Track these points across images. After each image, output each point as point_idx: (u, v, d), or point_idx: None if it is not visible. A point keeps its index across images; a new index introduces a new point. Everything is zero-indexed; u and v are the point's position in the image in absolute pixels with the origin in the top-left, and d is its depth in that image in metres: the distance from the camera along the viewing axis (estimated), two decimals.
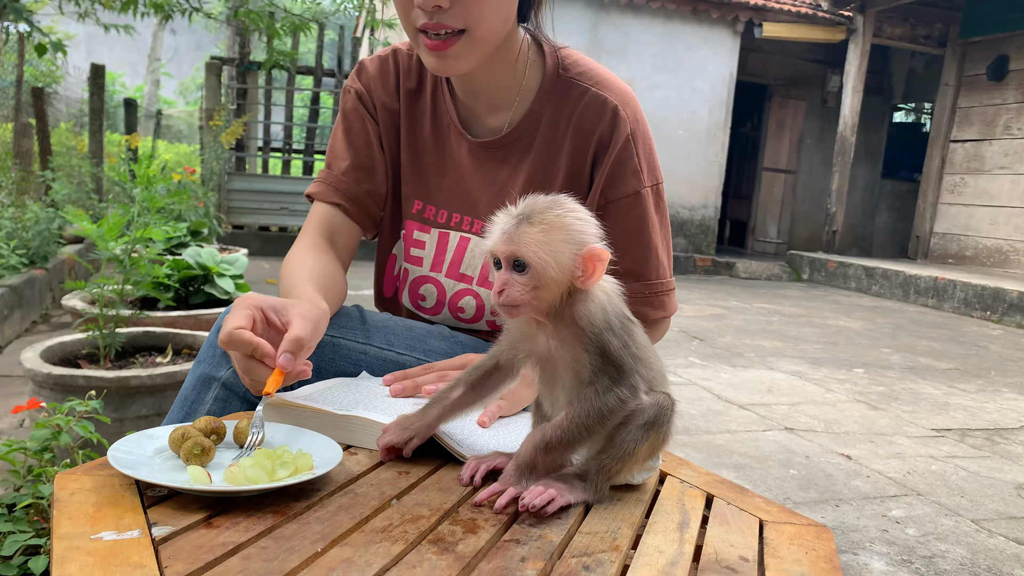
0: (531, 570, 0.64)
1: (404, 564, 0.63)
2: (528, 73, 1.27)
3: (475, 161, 1.30)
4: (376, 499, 0.75)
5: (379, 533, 0.68)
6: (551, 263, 0.78)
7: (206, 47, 16.44)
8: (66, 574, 0.57)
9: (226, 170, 7.25)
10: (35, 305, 4.28)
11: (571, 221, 0.80)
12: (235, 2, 6.45)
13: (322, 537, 0.66)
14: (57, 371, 2.16)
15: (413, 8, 1.08)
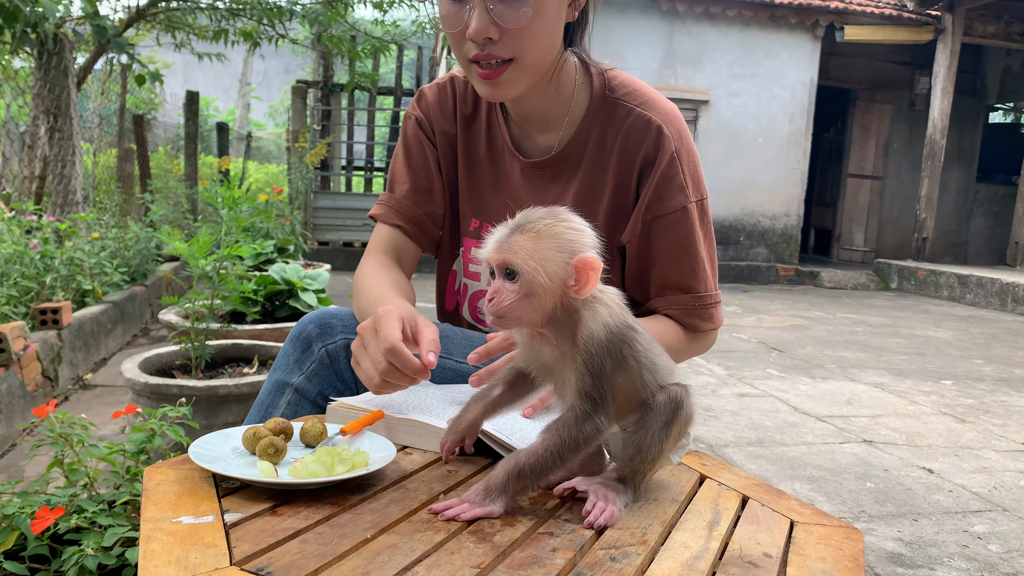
0: (560, 559, 0.70)
1: (444, 551, 0.69)
2: (576, 95, 1.33)
3: (527, 180, 1.36)
4: (424, 494, 0.82)
5: (424, 524, 0.75)
6: (540, 270, 0.78)
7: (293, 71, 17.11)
8: (151, 550, 0.65)
9: (311, 189, 7.54)
10: (136, 319, 4.56)
11: (562, 230, 0.80)
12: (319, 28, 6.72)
13: (373, 525, 0.73)
14: (153, 380, 2.32)
15: (465, 41, 1.16)
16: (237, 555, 0.66)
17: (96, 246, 4.17)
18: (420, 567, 0.66)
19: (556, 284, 0.79)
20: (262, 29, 6.24)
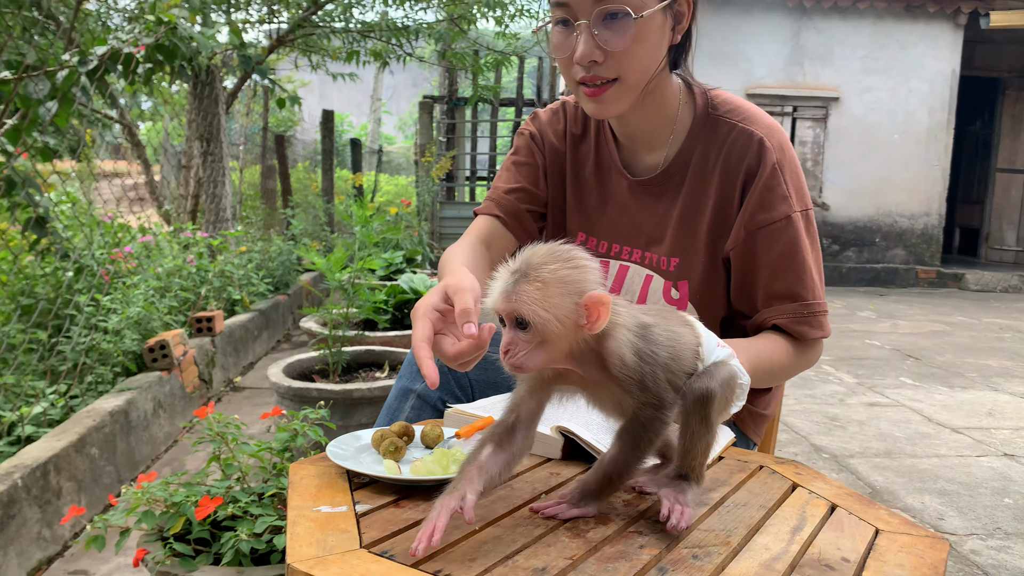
0: (646, 555, 0.77)
1: (541, 543, 0.78)
2: (680, 114, 1.39)
3: (634, 196, 1.44)
4: (528, 493, 0.91)
5: (525, 519, 0.84)
6: (551, 319, 0.79)
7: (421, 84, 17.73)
8: (296, 534, 0.78)
9: (437, 200, 7.83)
10: (279, 326, 4.91)
11: (567, 273, 0.80)
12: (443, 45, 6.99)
13: (480, 519, 0.83)
14: (296, 384, 2.54)
15: (573, 65, 1.25)
16: (366, 540, 0.77)
17: (244, 259, 4.54)
18: (520, 556, 0.75)
19: (568, 327, 0.80)
20: (390, 48, 6.56)
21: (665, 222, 1.40)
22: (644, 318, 0.87)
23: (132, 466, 2.62)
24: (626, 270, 1.46)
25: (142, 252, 3.65)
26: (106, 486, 2.42)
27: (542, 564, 0.74)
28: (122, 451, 2.55)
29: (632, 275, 1.45)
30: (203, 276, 3.85)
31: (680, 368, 0.87)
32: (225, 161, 4.38)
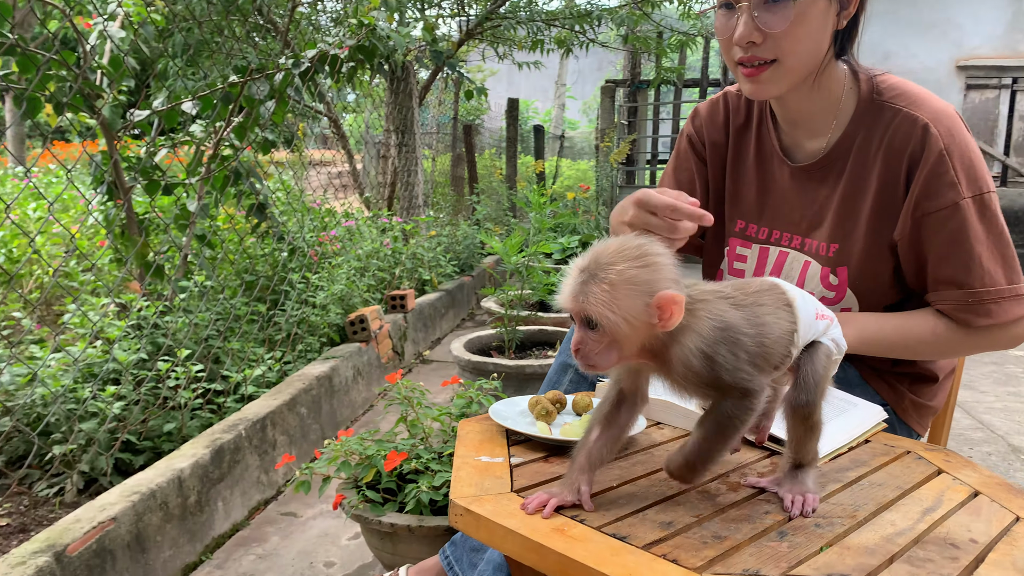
0: (769, 520, 0.84)
1: (672, 502, 0.87)
2: (844, 100, 1.39)
3: (795, 183, 1.46)
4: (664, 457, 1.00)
5: (662, 482, 0.93)
6: (620, 321, 0.78)
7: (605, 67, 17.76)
8: (459, 477, 0.92)
9: (617, 184, 7.88)
10: (464, 305, 5.21)
11: (635, 272, 0.78)
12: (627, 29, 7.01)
13: (618, 478, 0.93)
14: (474, 358, 2.74)
15: (732, 45, 1.31)
16: (516, 486, 0.90)
17: (434, 243, 4.86)
18: (650, 511, 0.85)
19: (639, 328, 0.79)
20: (574, 35, 6.67)
21: (825, 208, 1.41)
22: (730, 316, 0.84)
23: (334, 425, 2.94)
24: (785, 256, 1.49)
25: (345, 236, 4.02)
26: (312, 441, 2.74)
27: (669, 519, 0.83)
28: (326, 411, 2.87)
29: (791, 261, 1.48)
30: (397, 258, 4.17)
31: (769, 361, 0.86)
32: (418, 151, 4.70)
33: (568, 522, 0.80)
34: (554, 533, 0.77)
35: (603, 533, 0.78)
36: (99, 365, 2.33)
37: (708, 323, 0.83)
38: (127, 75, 2.85)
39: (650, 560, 0.72)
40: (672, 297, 0.78)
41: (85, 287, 3.19)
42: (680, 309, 0.79)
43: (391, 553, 1.83)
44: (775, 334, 0.87)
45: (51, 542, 1.55)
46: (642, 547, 0.75)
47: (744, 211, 1.54)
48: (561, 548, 0.74)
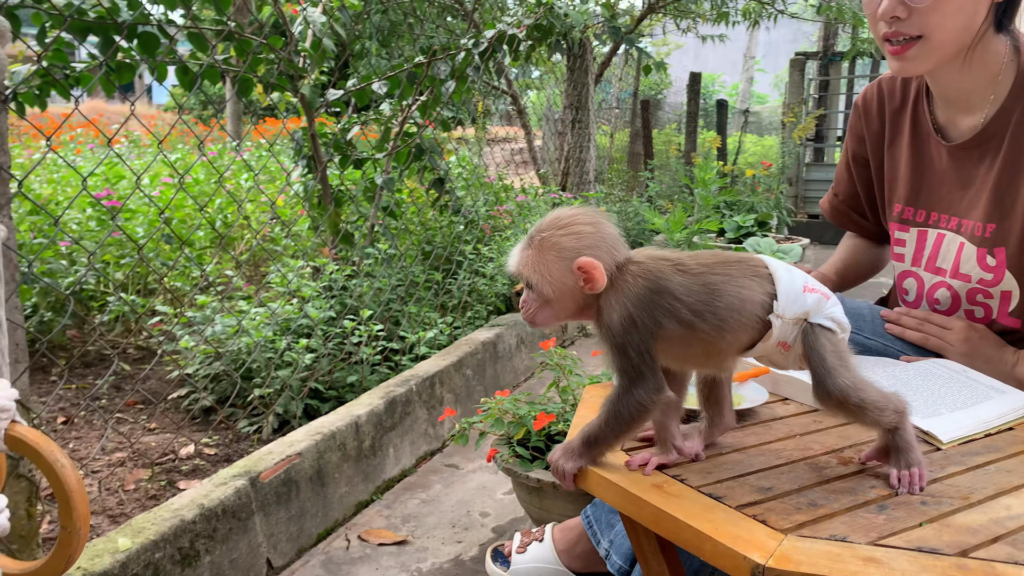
0: (873, 493, 0.86)
1: (776, 470, 0.92)
2: (1003, 75, 1.33)
3: (953, 162, 1.41)
4: (782, 433, 1.04)
5: (773, 453, 0.97)
6: (546, 281, 0.86)
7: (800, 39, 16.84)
8: None
9: (803, 161, 7.54)
10: None
11: (560, 238, 0.86)
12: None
13: (729, 446, 0.98)
14: None
15: (878, 21, 1.29)
16: (625, 446, 0.98)
17: None
18: (752, 476, 0.90)
19: (566, 288, 0.87)
20: (761, 7, 6.44)
21: (981, 187, 1.36)
22: (668, 279, 0.87)
23: (496, 388, 3.11)
24: (943, 238, 1.44)
25: (516, 210, 4.18)
26: (475, 401, 2.92)
27: (769, 485, 0.87)
28: (489, 375, 3.05)
29: (948, 243, 1.43)
30: None
31: (720, 326, 0.87)
32: (591, 128, 4.77)
33: (669, 480, 0.87)
34: (653, 489, 0.84)
35: (700, 492, 0.84)
36: (294, 320, 2.62)
37: (641, 284, 0.87)
38: (327, 56, 3.13)
39: (738, 518, 0.78)
40: (589, 263, 0.85)
41: (285, 251, 3.57)
42: (600, 273, 0.86)
43: (538, 507, 1.96)
44: (730, 301, 0.87)
45: (247, 469, 1.81)
46: (735, 507, 0.81)
47: (901, 194, 1.51)
48: (656, 501, 0.81)
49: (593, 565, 1.59)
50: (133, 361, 2.99)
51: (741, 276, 0.89)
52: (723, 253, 0.94)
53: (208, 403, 2.47)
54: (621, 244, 0.91)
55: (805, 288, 0.90)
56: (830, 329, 0.88)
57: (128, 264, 3.12)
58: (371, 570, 1.85)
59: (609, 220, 0.92)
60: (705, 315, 0.86)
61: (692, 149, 7.77)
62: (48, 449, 0.58)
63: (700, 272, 0.89)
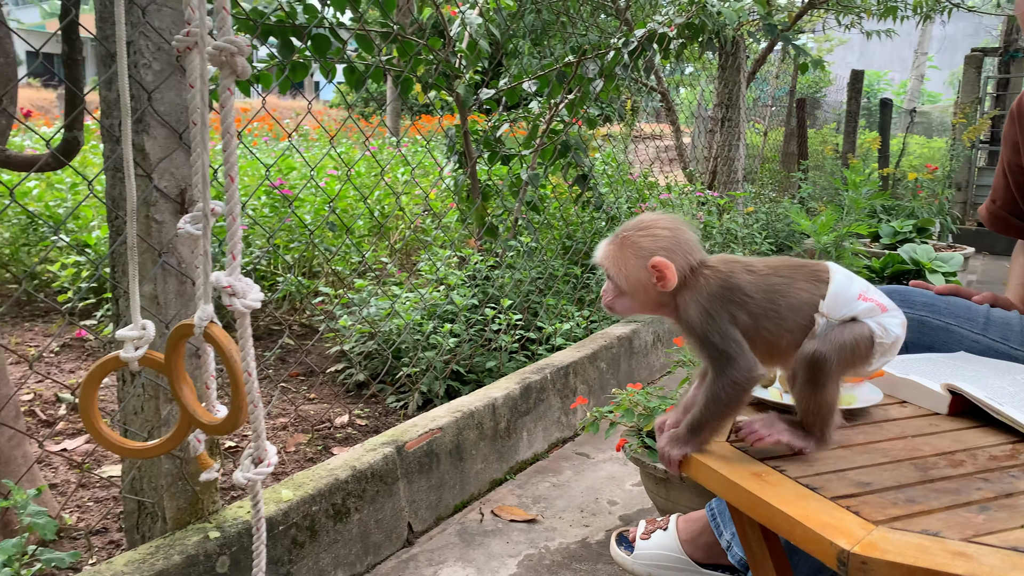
0: (977, 495, 0.88)
1: (880, 467, 0.95)
2: None
3: None
4: (893, 433, 1.06)
5: (879, 451, 1.00)
6: (623, 276, 0.97)
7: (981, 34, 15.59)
8: None
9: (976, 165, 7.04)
10: None
11: (639, 238, 0.97)
12: None
13: (836, 442, 1.02)
14: None
15: None
16: (730, 437, 1.03)
17: (751, 219, 4.84)
18: (852, 472, 0.93)
19: (640, 283, 0.97)
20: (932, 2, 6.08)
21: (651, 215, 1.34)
22: (738, 278, 0.96)
23: (630, 383, 3.18)
24: None
25: (660, 208, 4.21)
26: (608, 394, 3.00)
27: (869, 480, 0.91)
28: (624, 370, 3.12)
29: None
30: (708, 232, 4.27)
31: (780, 325, 0.94)
32: (741, 127, 4.71)
33: (768, 470, 0.93)
34: (752, 477, 0.91)
35: (797, 482, 0.89)
36: (440, 306, 2.80)
37: (713, 283, 0.97)
38: (482, 56, 3.30)
39: (831, 508, 0.83)
40: (662, 262, 0.95)
41: (435, 241, 3.78)
42: (671, 272, 0.95)
43: (664, 498, 2.02)
44: (789, 301, 0.95)
45: (394, 438, 1.98)
46: (829, 498, 0.86)
47: None
48: (753, 488, 0.87)
49: (714, 556, 1.64)
50: (297, 337, 3.28)
51: (802, 279, 0.96)
52: (790, 259, 1.02)
53: (361, 378, 2.69)
54: (697, 249, 1.00)
55: (860, 296, 0.95)
56: (870, 326, 0.94)
57: (297, 248, 3.43)
58: (502, 543, 1.97)
59: (688, 227, 1.01)
60: (768, 313, 0.95)
61: (850, 150, 7.43)
62: (228, 347, 0.77)
63: (766, 274, 0.97)
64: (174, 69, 1.35)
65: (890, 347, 0.96)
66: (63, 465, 2.12)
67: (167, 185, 1.36)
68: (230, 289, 0.80)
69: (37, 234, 3.61)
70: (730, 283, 0.96)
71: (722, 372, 0.95)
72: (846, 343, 0.93)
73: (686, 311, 0.97)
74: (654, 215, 1.01)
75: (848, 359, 0.94)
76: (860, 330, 0.94)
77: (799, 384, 0.95)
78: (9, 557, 1.21)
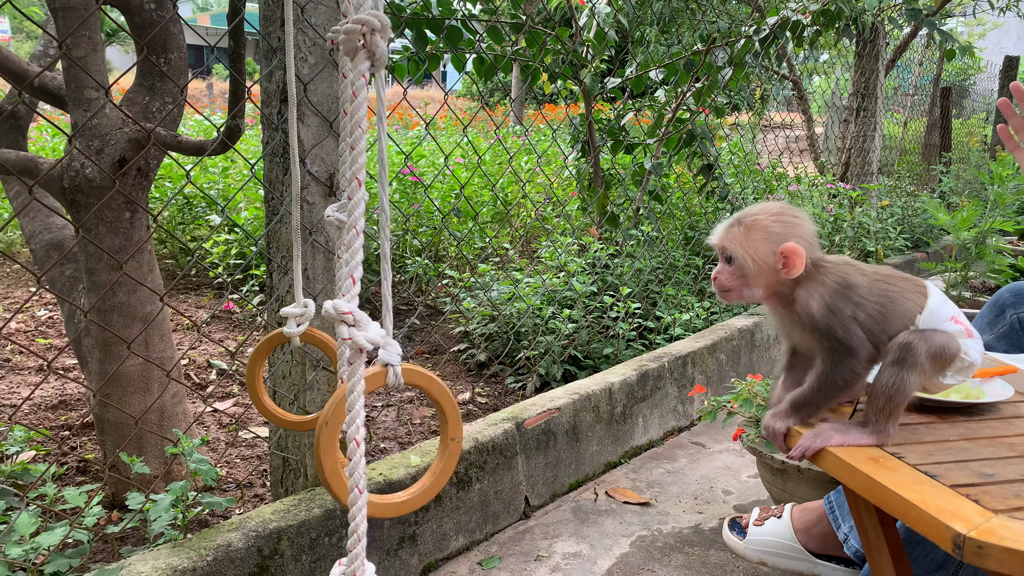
0: None
1: (1007, 460, 0.94)
2: None
3: None
4: (1021, 429, 1.04)
5: (1005, 445, 0.99)
6: (749, 257, 0.96)
7: None
8: None
9: None
10: None
11: (770, 223, 0.96)
12: None
13: (960, 435, 1.01)
14: None
15: None
16: None
17: (885, 213, 4.65)
18: (975, 463, 0.93)
19: (765, 267, 0.97)
20: None
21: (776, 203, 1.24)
22: (854, 278, 0.97)
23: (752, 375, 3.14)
24: None
25: (788, 200, 4.11)
26: (727, 386, 2.99)
27: (993, 471, 0.91)
28: (744, 362, 3.09)
29: None
30: (839, 225, 4.14)
31: (884, 329, 0.96)
32: (877, 117, 4.52)
33: (885, 455, 0.94)
34: (869, 461, 0.92)
35: (916, 469, 0.90)
36: (559, 292, 2.87)
37: (832, 279, 0.98)
38: (610, 45, 3.32)
39: (949, 495, 0.84)
40: (794, 248, 0.95)
41: (556, 228, 3.85)
42: (800, 260, 0.96)
43: (780, 489, 2.02)
44: (896, 309, 0.97)
45: (514, 415, 2.07)
46: (949, 486, 0.86)
47: None
48: (870, 472, 0.89)
49: (829, 548, 1.64)
50: (423, 317, 3.43)
51: (909, 291, 0.99)
52: (893, 270, 1.03)
53: (483, 358, 2.80)
54: (818, 244, 1.01)
55: (952, 318, 0.98)
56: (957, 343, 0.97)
57: (425, 233, 3.58)
58: (615, 523, 2.03)
59: (812, 220, 1.02)
60: (877, 317, 0.97)
61: (999, 142, 6.95)
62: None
63: (877, 280, 0.99)
64: (327, 63, 1.47)
65: (966, 368, 0.99)
66: (214, 424, 2.32)
67: (318, 170, 1.48)
68: (351, 317, 0.72)
69: (191, 214, 3.93)
70: (848, 282, 0.98)
71: (842, 361, 0.96)
72: (938, 342, 0.95)
73: (807, 302, 0.98)
74: (779, 204, 1.03)
75: (934, 357, 0.95)
76: (950, 339, 0.97)
77: (884, 366, 0.96)
78: (176, 498, 1.37)
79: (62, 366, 2.74)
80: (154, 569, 1.26)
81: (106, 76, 1.59)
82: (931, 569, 1.24)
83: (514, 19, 2.97)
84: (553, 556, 1.86)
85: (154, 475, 1.74)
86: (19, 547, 1.26)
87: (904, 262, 4.69)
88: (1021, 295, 1.45)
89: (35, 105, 2.06)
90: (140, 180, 1.64)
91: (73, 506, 1.38)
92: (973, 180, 6.33)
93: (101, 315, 1.63)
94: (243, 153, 4.34)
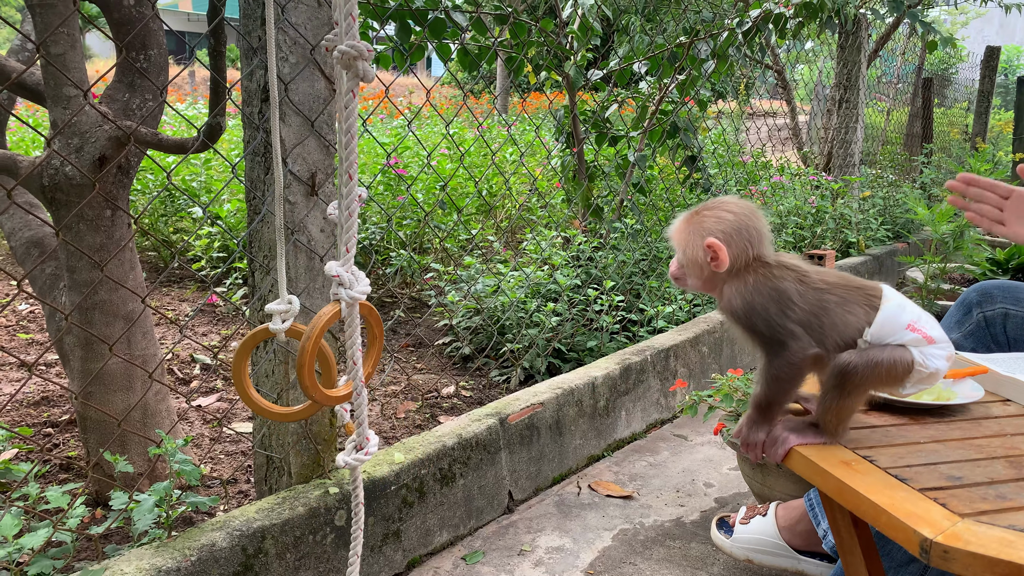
0: None
1: (975, 463, 0.96)
2: None
3: None
4: (992, 431, 1.06)
5: (974, 448, 1.01)
6: (681, 249, 1.01)
7: None
8: None
9: None
10: (892, 273, 4.95)
11: (705, 218, 1.00)
12: None
13: (931, 437, 1.03)
14: None
15: None
16: None
17: (867, 204, 4.69)
18: (944, 466, 0.95)
19: (695, 260, 1.01)
20: None
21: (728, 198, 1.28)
22: (785, 284, 0.97)
23: (732, 368, 3.17)
24: None
25: (770, 192, 4.14)
26: (709, 378, 3.01)
27: (961, 475, 0.93)
28: (726, 355, 3.12)
29: None
30: (820, 217, 4.17)
31: (824, 342, 0.96)
32: (859, 108, 4.55)
33: (858, 459, 0.96)
34: (841, 465, 0.94)
35: (887, 472, 0.92)
36: (544, 285, 2.88)
37: (761, 280, 0.99)
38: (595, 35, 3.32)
39: (918, 499, 0.86)
40: (713, 243, 0.99)
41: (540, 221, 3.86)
42: (723, 255, 0.98)
43: (760, 483, 2.04)
44: (833, 321, 0.97)
45: (498, 410, 2.08)
46: (918, 489, 0.88)
47: None
48: (841, 476, 0.91)
49: (812, 544, 1.67)
50: (408, 309, 3.44)
51: (853, 302, 0.98)
52: (849, 277, 1.02)
53: (467, 351, 2.81)
54: (763, 242, 1.02)
55: (910, 326, 0.97)
56: (911, 353, 0.97)
57: (409, 225, 3.58)
58: (598, 516, 2.05)
59: (761, 218, 1.03)
60: (812, 326, 0.97)
61: (980, 133, 7.01)
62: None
63: (819, 288, 0.99)
64: (308, 62, 1.47)
65: (928, 377, 0.98)
66: (198, 420, 2.33)
67: (299, 169, 1.48)
68: (339, 278, 0.89)
69: (174, 205, 3.91)
70: (778, 287, 0.98)
71: (776, 354, 0.97)
72: (881, 362, 0.95)
73: (730, 300, 1.00)
74: (732, 199, 1.05)
75: (881, 377, 0.96)
76: (901, 354, 0.96)
77: (826, 388, 0.98)
78: (160, 498, 1.38)
79: (44, 362, 2.73)
80: (138, 570, 1.26)
81: (85, 72, 1.58)
82: (903, 562, 1.27)
83: (497, 10, 2.97)
84: (536, 550, 1.88)
85: (138, 473, 1.75)
86: (2, 548, 1.26)
87: (885, 252, 4.73)
88: (987, 294, 1.48)
89: (13, 101, 2.04)
90: (121, 178, 1.63)
91: (56, 507, 1.38)
92: (953, 172, 6.37)
93: (83, 313, 1.63)
94: (225, 145, 4.31)
